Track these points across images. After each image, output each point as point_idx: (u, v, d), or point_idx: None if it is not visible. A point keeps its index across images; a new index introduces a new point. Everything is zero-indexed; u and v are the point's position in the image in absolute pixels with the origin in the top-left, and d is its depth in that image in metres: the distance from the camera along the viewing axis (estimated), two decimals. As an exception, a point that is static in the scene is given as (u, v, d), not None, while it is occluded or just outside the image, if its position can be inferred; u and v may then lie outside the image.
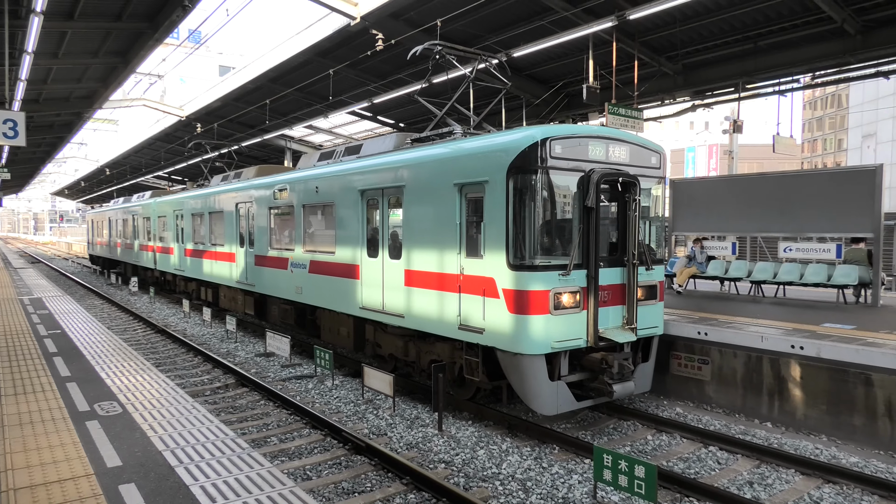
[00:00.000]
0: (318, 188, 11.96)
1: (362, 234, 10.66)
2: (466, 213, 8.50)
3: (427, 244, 9.14)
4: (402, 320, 9.67)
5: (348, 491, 6.63)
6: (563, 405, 8.01)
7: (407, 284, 9.54)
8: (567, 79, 17.53)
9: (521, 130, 8.13)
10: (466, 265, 8.44)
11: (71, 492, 4.57)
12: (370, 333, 11.22)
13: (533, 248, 7.77)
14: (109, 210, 31.19)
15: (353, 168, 11.09)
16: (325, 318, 12.53)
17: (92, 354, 9.43)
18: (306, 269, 12.41)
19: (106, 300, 23.00)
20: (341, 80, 19.00)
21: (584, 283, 8.05)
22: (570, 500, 6.43)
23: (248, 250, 15.05)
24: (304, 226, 12.59)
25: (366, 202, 10.59)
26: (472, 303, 8.33)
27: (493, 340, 8.07)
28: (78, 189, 63.68)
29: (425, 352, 9.83)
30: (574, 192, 8.09)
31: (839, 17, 12.13)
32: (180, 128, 28.00)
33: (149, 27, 13.89)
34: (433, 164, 9.22)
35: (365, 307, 10.60)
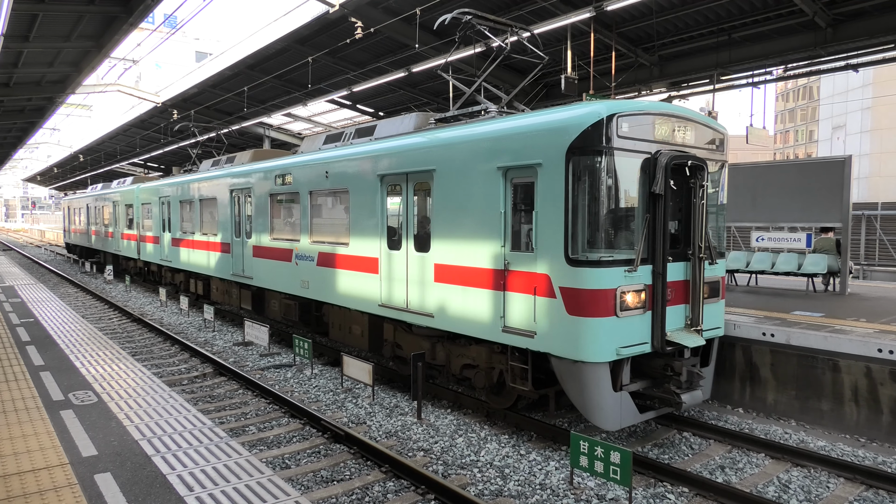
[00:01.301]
0: (328, 173, 10.90)
1: (381, 223, 9.63)
2: (512, 200, 7.58)
3: (462, 235, 8.16)
4: (431, 320, 8.70)
5: (327, 479, 6.67)
6: (627, 418, 7.15)
7: (437, 280, 8.58)
8: (546, 69, 17.56)
9: (582, 105, 7.11)
10: (512, 260, 7.50)
11: (45, 481, 4.55)
12: (389, 333, 10.21)
13: (597, 241, 6.88)
14: (87, 196, 29.76)
15: (370, 151, 9.94)
16: (334, 315, 11.53)
17: (66, 343, 9.32)
18: (314, 262, 11.39)
19: (80, 288, 22.67)
20: (320, 68, 18.85)
21: (650, 280, 7.16)
22: (547, 487, 6.54)
23: (246, 240, 14.04)
24: (312, 214, 11.58)
25: (386, 188, 9.56)
26: (519, 302, 7.41)
27: (546, 345, 7.12)
28: (51, 175, 62.43)
29: (457, 355, 8.90)
30: (639, 177, 7.14)
31: (810, 11, 12.33)
32: (156, 114, 27.54)
33: (122, 11, 13.61)
34: (471, 145, 8.10)
35: (384, 305, 9.61)
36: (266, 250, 13.14)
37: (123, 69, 27.69)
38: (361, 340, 10.76)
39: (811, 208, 12.55)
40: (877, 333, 8.44)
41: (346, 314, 11.09)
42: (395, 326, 9.99)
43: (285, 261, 12.36)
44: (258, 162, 13.93)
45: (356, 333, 10.89)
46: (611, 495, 6.31)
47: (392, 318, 9.64)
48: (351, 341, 11.09)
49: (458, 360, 8.90)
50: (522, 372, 7.63)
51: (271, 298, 13.71)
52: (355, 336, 10.93)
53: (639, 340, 7.12)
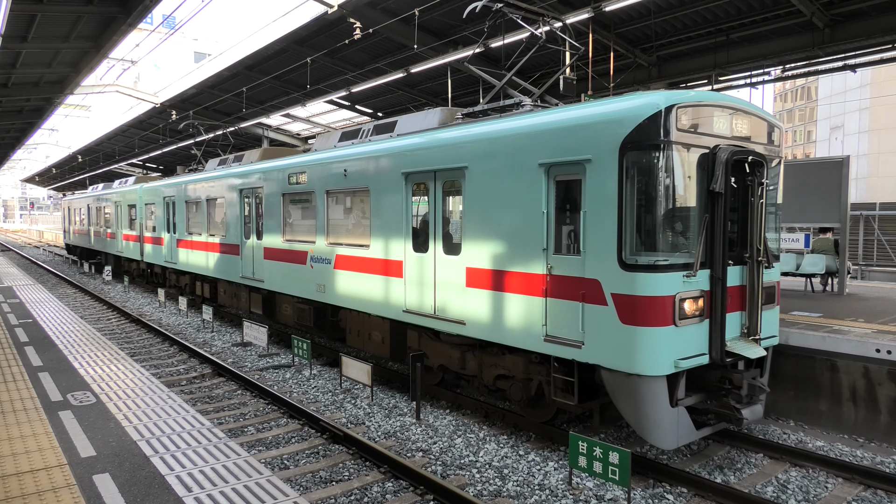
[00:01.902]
0: (346, 171, 10.27)
1: (406, 224, 9.06)
2: (556, 199, 7.03)
3: (498, 237, 7.61)
4: (462, 328, 8.15)
5: (326, 480, 6.67)
6: (684, 436, 6.63)
7: (469, 285, 8.02)
8: (544, 70, 17.59)
9: (637, 96, 6.57)
10: (556, 264, 6.95)
11: (44, 482, 4.55)
12: (414, 340, 9.64)
13: (654, 244, 6.37)
14: (88, 196, 29.15)
15: (394, 148, 9.38)
16: (352, 320, 10.91)
17: (65, 344, 9.31)
18: (331, 265, 10.78)
19: (79, 289, 22.65)
20: (319, 69, 18.86)
21: (707, 285, 6.63)
22: (545, 487, 6.54)
23: (256, 242, 13.41)
24: (328, 215, 10.98)
25: (411, 187, 9.01)
26: (564, 310, 6.86)
27: (595, 357, 6.59)
28: (49, 176, 62.37)
29: (489, 365, 8.33)
30: (696, 174, 6.62)
31: (808, 11, 12.35)
32: (155, 115, 27.54)
33: (121, 12, 13.61)
34: (509, 140, 7.51)
35: (409, 310, 9.02)
36: (278, 252, 12.55)
37: (122, 70, 27.69)
38: (382, 347, 10.12)
39: (809, 208, 12.56)
40: (875, 333, 8.46)
41: (366, 320, 10.48)
42: (421, 333, 9.44)
43: (299, 263, 11.77)
44: (269, 160, 13.36)
45: (376, 340, 10.26)
46: (609, 495, 6.32)
47: (417, 324, 9.07)
48: (370, 348, 10.49)
49: (491, 371, 8.33)
50: (566, 384, 7.13)
51: (283, 302, 13.16)
52: (375, 343, 10.31)
53: (696, 351, 6.57)
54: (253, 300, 14.18)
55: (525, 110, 8.08)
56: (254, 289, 14.06)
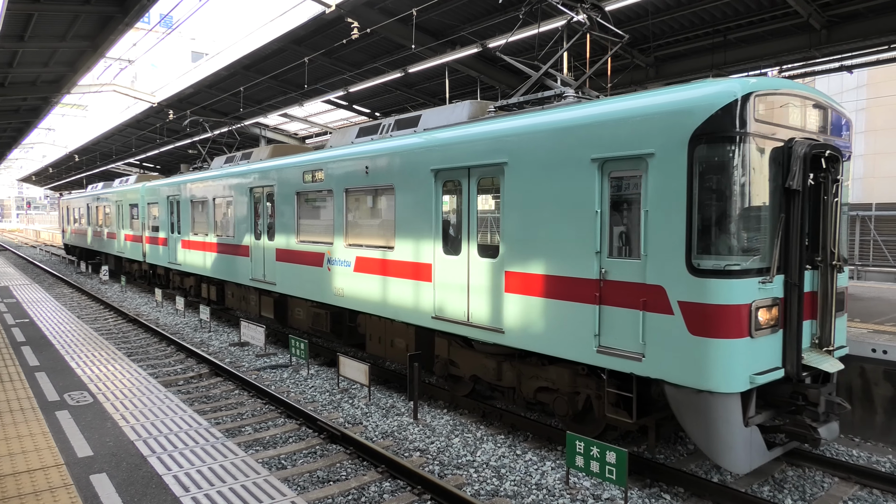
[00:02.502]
0: (368, 168, 9.68)
1: (435, 225, 8.49)
2: (611, 197, 6.47)
3: (543, 239, 7.04)
4: (500, 336, 7.59)
5: (323, 479, 6.67)
6: (756, 458, 6.06)
7: (509, 291, 7.44)
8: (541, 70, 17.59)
9: (708, 84, 5.98)
10: (611, 268, 6.39)
11: (41, 482, 4.54)
12: (442, 349, 9.07)
13: (728, 246, 5.83)
14: (88, 195, 28.41)
15: (422, 143, 8.77)
16: (372, 326, 10.40)
17: (61, 344, 9.30)
18: (350, 267, 10.22)
19: (76, 289, 22.61)
20: (316, 69, 18.86)
21: (781, 292, 6.10)
22: (543, 487, 6.55)
23: (268, 243, 12.78)
24: (348, 214, 10.37)
25: (441, 185, 8.45)
26: (621, 318, 6.31)
27: (658, 371, 6.05)
28: (46, 175, 62.24)
29: (530, 377, 7.79)
30: (770, 170, 6.05)
31: (805, 12, 12.39)
32: (152, 114, 27.50)
33: (118, 11, 13.59)
34: (556, 133, 6.93)
35: (439, 317, 8.48)
36: (292, 254, 11.95)
37: (119, 69, 27.69)
38: (406, 355, 9.49)
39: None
40: (870, 333, 8.48)
41: (388, 326, 9.98)
42: (450, 341, 8.88)
43: (315, 266, 11.18)
44: (281, 158, 12.76)
45: (399, 347, 9.76)
46: (606, 495, 6.33)
47: (447, 331, 8.52)
48: (393, 356, 9.99)
49: (532, 383, 7.78)
50: (621, 400, 6.62)
51: (296, 306, 12.58)
52: (398, 350, 9.80)
53: (771, 365, 6.04)
54: (263, 303, 13.66)
55: (569, 101, 7.47)
56: (264, 292, 13.56)
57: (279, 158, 12.73)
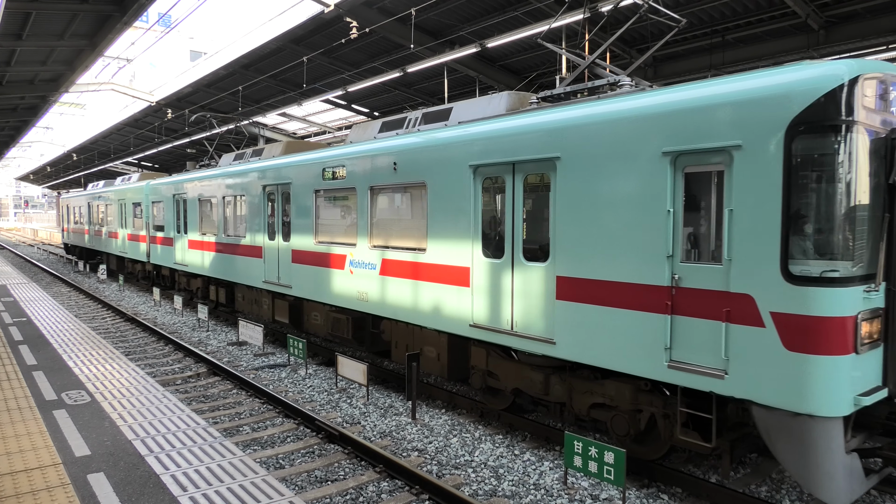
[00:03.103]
0: (396, 165, 9.06)
1: (474, 225, 7.87)
2: (685, 195, 5.87)
3: (602, 241, 6.41)
4: (550, 347, 6.93)
5: (321, 479, 6.67)
6: (857, 487, 5.44)
7: (561, 298, 6.80)
8: (540, 70, 17.62)
9: (804, 66, 5.32)
10: (686, 274, 5.76)
11: (38, 481, 4.54)
12: (480, 359, 8.37)
13: (832, 250, 5.17)
14: (89, 194, 27.71)
15: (458, 137, 8.14)
16: (399, 334, 9.74)
17: (59, 343, 9.29)
18: (375, 270, 9.58)
19: (73, 288, 22.58)
20: (315, 68, 18.87)
21: (883, 301, 5.50)
22: (541, 487, 6.55)
23: (283, 244, 12.16)
24: (373, 214, 9.71)
25: (480, 182, 7.82)
26: (697, 330, 5.71)
27: (745, 390, 5.43)
28: (44, 174, 62.19)
29: (582, 392, 7.10)
30: (872, 164, 5.38)
31: (803, 13, 12.42)
32: (150, 113, 27.50)
33: (116, 10, 13.58)
34: (619, 125, 6.28)
35: (478, 325, 7.84)
36: (309, 255, 11.30)
37: (117, 68, 27.62)
38: (437, 365, 8.96)
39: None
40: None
41: (417, 334, 9.32)
42: (489, 351, 8.21)
43: (336, 268, 10.52)
44: (296, 154, 12.13)
45: (430, 356, 9.12)
46: (604, 495, 6.34)
47: (486, 341, 7.89)
48: (422, 365, 9.24)
49: (585, 398, 7.09)
50: (690, 419, 6.05)
51: (313, 311, 11.89)
52: (428, 359, 9.14)
53: (873, 384, 5.41)
54: (277, 307, 13.01)
55: (627, 91, 6.87)
56: (278, 295, 12.96)
57: (295, 155, 12.10)
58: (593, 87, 7.45)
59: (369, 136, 10.40)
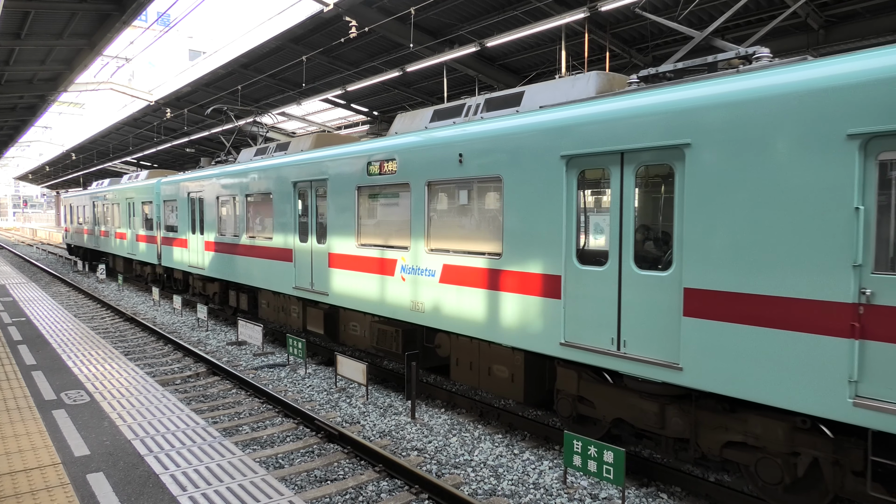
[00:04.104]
0: (462, 157, 7.99)
1: (567, 226, 6.72)
2: (878, 188, 4.80)
3: (753, 246, 5.30)
4: (676, 374, 5.75)
5: (321, 479, 6.67)
6: None
7: (690, 314, 5.69)
8: (540, 69, 17.62)
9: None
10: (881, 288, 4.73)
11: (37, 481, 4.53)
12: (569, 382, 7.18)
13: None
14: (93, 192, 26.63)
15: (544, 123, 6.97)
16: (461, 349, 8.62)
17: (58, 343, 9.28)
18: (434, 277, 8.52)
19: (72, 288, 22.57)
20: (314, 68, 18.88)
21: None
22: (540, 486, 6.55)
23: (317, 246, 11.06)
24: (431, 213, 8.64)
25: (575, 175, 6.68)
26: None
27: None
28: (42, 174, 62.18)
29: (715, 427, 5.93)
30: None
31: (803, 13, 12.43)
32: (149, 112, 27.50)
33: (115, 9, 13.57)
34: (784, 102, 5.14)
35: (571, 343, 6.69)
36: (350, 260, 10.19)
37: (116, 67, 27.58)
38: (509, 387, 7.89)
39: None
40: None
41: (484, 350, 8.25)
42: (581, 374, 7.07)
43: (383, 274, 9.44)
44: (331, 147, 10.98)
45: (500, 377, 8.06)
46: (604, 494, 6.34)
47: (581, 362, 6.72)
48: (489, 386, 8.17)
49: (716, 435, 5.94)
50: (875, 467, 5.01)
51: (352, 320, 10.85)
52: (498, 380, 8.07)
53: None
54: (310, 316, 11.85)
55: (766, 65, 5.80)
56: (311, 302, 11.87)
57: (330, 148, 10.98)
58: (715, 62, 6.35)
59: (419, 125, 9.45)
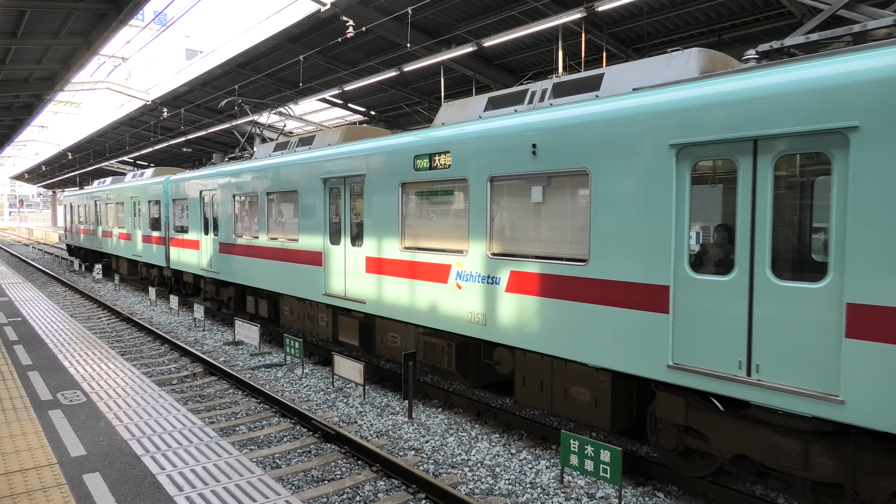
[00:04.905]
0: (535, 148, 7.01)
1: (676, 228, 5.76)
2: None
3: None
4: (835, 408, 4.77)
5: (318, 478, 6.67)
6: None
7: (855, 336, 4.68)
8: (536, 69, 17.63)
9: None
10: None
11: (34, 481, 4.52)
12: (674, 410, 6.14)
13: None
14: (95, 191, 25.72)
15: (641, 108, 6.03)
16: (528, 367, 7.61)
17: (54, 343, 9.26)
18: (499, 285, 7.52)
19: (69, 287, 22.51)
20: (311, 67, 18.87)
21: None
22: (537, 485, 6.56)
23: (352, 249, 10.14)
24: (494, 212, 7.73)
25: (688, 168, 5.72)
26: None
27: None
28: (39, 173, 62.01)
29: (882, 471, 4.96)
30: None
31: (799, 13, 12.45)
32: (146, 112, 27.45)
33: (112, 8, 13.54)
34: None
35: (682, 366, 5.70)
36: (392, 265, 9.27)
37: (113, 66, 27.51)
38: (593, 412, 6.89)
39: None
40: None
41: (559, 369, 7.26)
42: (690, 401, 6.06)
43: (434, 281, 8.52)
44: (369, 140, 10.00)
45: (579, 400, 7.03)
46: (601, 494, 6.35)
47: (692, 387, 5.71)
48: (565, 410, 7.18)
49: (883, 482, 4.96)
50: None
51: (390, 331, 9.93)
52: (577, 404, 7.05)
53: None
54: (343, 326, 10.87)
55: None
56: (343, 310, 10.94)
57: (368, 141, 10.00)
58: (864, 32, 5.48)
59: (471, 114, 8.59)
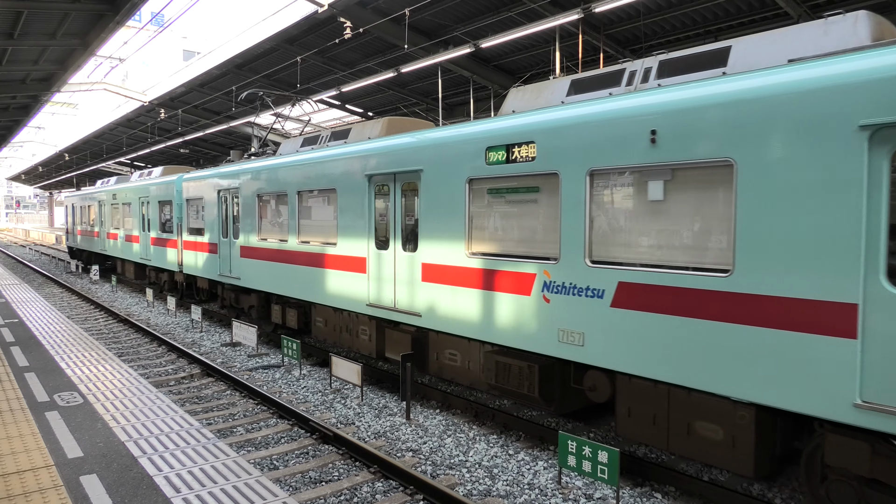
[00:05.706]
0: (655, 135, 5.89)
1: (867, 234, 4.56)
2: None
3: None
4: None
5: (316, 480, 6.66)
6: None
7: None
8: (534, 70, 17.66)
9: None
10: None
11: (30, 483, 4.51)
12: (856, 458, 4.94)
13: None
14: (99, 191, 24.88)
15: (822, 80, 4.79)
16: (635, 395, 6.45)
17: (51, 344, 9.24)
18: (601, 299, 6.43)
19: (66, 289, 22.46)
20: (309, 68, 18.87)
21: None
22: (535, 486, 6.56)
23: (403, 254, 9.07)
24: (594, 214, 6.58)
25: (886, 159, 4.50)
26: None
27: None
28: (35, 174, 61.90)
29: None
30: None
31: (795, 13, 12.50)
32: (143, 113, 27.43)
33: (109, 9, 13.53)
34: None
35: (876, 405, 4.51)
36: (457, 273, 8.20)
37: (110, 67, 27.50)
38: (729, 453, 5.71)
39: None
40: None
41: (682, 401, 6.06)
42: (875, 446, 4.88)
43: (513, 293, 7.44)
44: (426, 131, 8.92)
45: (709, 438, 5.85)
46: (598, 494, 6.35)
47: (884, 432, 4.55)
48: (688, 448, 6.03)
49: None
50: None
51: (448, 348, 8.90)
52: (706, 442, 5.87)
53: None
54: (391, 340, 9.86)
55: None
56: (390, 323, 9.90)
57: (424, 132, 8.92)
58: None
59: (550, 100, 7.52)
